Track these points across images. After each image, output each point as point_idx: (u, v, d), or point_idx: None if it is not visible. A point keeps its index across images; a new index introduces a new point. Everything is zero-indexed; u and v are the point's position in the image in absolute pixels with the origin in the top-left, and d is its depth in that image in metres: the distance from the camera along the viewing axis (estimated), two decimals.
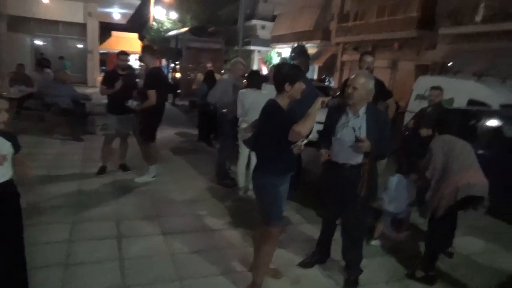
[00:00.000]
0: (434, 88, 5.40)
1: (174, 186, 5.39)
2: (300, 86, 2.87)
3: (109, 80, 5.32)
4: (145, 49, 5.05)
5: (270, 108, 2.93)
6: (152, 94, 4.90)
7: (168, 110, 13.85)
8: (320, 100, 2.79)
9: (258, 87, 5.06)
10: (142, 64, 13.36)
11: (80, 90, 10.26)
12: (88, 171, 5.65)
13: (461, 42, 17.37)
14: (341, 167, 3.19)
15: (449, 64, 17.51)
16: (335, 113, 3.30)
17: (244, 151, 5.23)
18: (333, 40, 25.83)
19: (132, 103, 5.19)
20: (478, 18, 17.61)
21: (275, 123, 2.84)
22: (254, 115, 5.11)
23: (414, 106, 9.59)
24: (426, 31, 19.40)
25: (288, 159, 2.98)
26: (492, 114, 5.97)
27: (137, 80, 6.00)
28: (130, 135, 5.77)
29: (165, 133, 8.84)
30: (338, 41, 25.21)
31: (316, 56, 26.48)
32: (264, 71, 31.58)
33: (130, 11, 19.63)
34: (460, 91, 8.42)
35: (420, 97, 9.56)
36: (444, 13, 18.42)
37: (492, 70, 15.81)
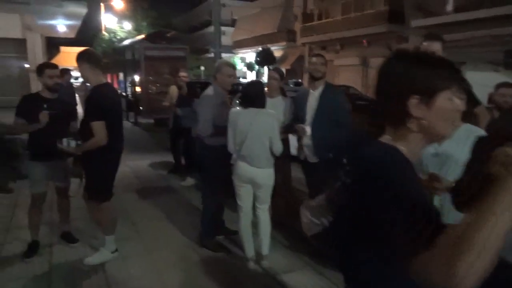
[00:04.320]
0: (504, 85, 3.80)
1: (144, 265, 3.36)
2: (453, 103, 1.05)
3: (27, 109, 3.30)
4: (80, 56, 3.07)
5: (379, 167, 1.10)
6: (99, 127, 2.96)
7: (130, 131, 11.76)
8: None
9: (260, 104, 3.24)
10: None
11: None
12: (15, 250, 3.57)
13: None
14: None
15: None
16: None
17: (246, 203, 3.34)
18: (299, 41, 24.48)
19: (68, 143, 3.21)
20: (450, 7, 16.78)
21: (390, 206, 0.97)
22: (254, 148, 3.07)
23: None
24: (397, 24, 18.42)
25: None
26: None
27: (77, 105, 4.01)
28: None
29: (126, 164, 6.80)
30: (304, 41, 23.88)
31: (283, 58, 25.02)
32: None
33: (78, 23, 17.13)
34: (481, 85, 7.01)
35: None
36: (413, 5, 17.48)
37: (467, 59, 14.96)
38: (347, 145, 3.19)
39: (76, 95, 7.76)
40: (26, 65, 15.39)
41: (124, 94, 13.81)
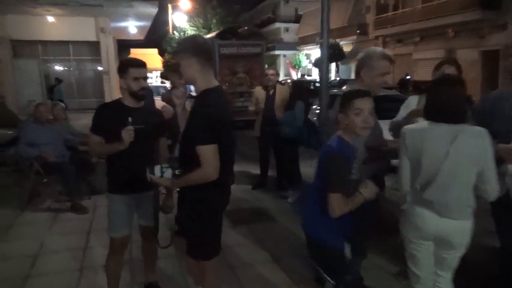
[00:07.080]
0: None
1: None
2: None
3: (106, 123, 2.37)
4: (184, 46, 1.90)
5: None
6: (210, 153, 1.88)
7: None
8: None
9: (460, 118, 1.89)
10: (164, 82, 9.76)
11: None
12: None
13: None
14: None
15: None
16: None
17: (425, 271, 2.06)
18: (371, 34, 22.51)
19: (163, 173, 2.21)
20: None
21: None
22: (450, 189, 1.62)
23: None
24: (492, 10, 15.97)
25: None
26: None
27: (168, 113, 2.96)
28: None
29: None
30: (377, 34, 21.89)
31: (353, 54, 23.20)
32: (294, 76, 28.34)
33: (148, 23, 16.90)
34: None
35: None
36: None
37: None
38: None
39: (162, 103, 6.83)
40: (100, 68, 15.45)
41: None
